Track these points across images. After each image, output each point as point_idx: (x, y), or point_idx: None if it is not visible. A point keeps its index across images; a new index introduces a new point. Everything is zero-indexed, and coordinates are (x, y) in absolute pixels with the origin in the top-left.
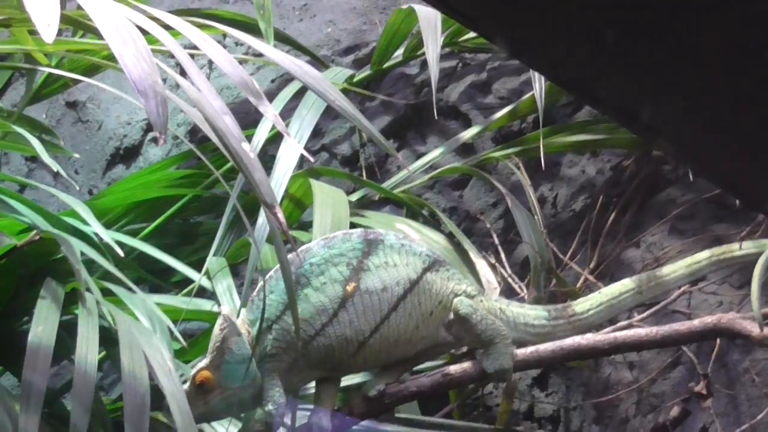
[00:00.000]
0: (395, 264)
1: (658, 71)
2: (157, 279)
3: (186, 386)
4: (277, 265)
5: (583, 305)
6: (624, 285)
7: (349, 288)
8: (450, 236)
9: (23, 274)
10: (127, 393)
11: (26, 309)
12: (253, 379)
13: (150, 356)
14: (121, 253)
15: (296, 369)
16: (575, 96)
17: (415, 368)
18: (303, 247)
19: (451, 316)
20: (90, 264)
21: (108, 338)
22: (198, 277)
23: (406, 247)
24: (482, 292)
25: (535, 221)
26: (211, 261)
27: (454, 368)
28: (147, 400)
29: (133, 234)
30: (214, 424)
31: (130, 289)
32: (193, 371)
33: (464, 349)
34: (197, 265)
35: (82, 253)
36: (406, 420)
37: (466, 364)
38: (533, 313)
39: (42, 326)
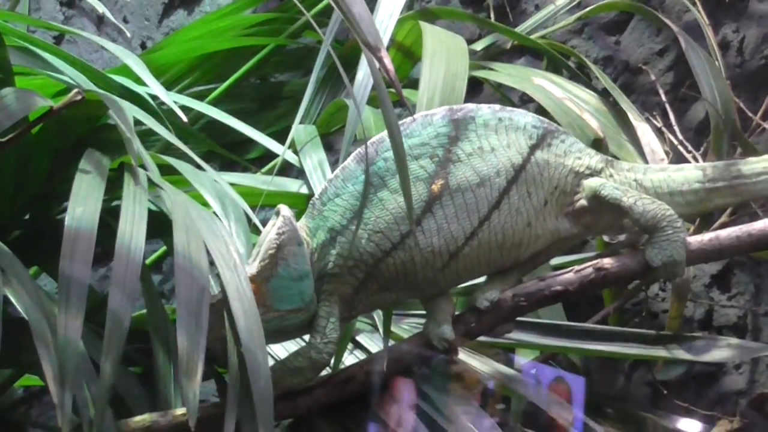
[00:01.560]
0: (492, 147)
1: None
2: (231, 153)
3: (214, 296)
4: (347, 161)
5: (753, 166)
6: None
7: (436, 186)
8: (604, 94)
9: (62, 145)
10: (180, 280)
11: (66, 190)
12: (308, 303)
13: (211, 245)
14: (185, 119)
15: (364, 292)
16: None
17: (556, 262)
18: (374, 138)
19: (580, 202)
20: (146, 135)
21: (168, 229)
22: (282, 151)
23: (505, 121)
24: (610, 162)
25: (716, 69)
26: (298, 130)
27: (609, 261)
28: (207, 293)
29: (200, 97)
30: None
31: (197, 165)
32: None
33: (622, 236)
34: (280, 136)
35: (136, 120)
36: (548, 326)
37: (625, 257)
38: (680, 176)
39: (82, 207)
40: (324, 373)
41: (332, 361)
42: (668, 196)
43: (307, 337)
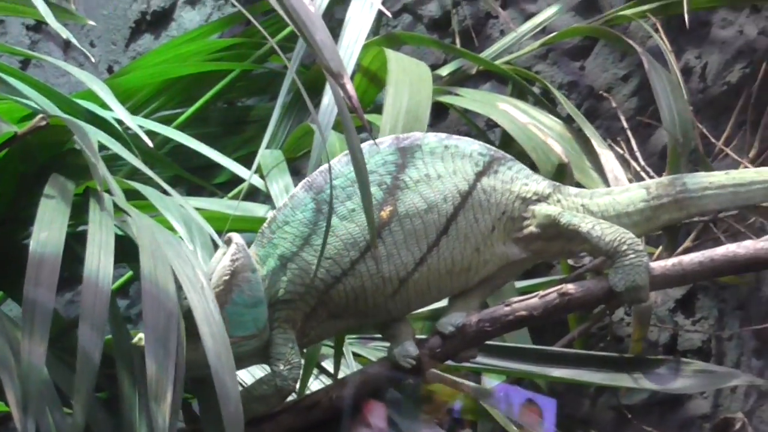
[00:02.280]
0: (439, 174)
1: None
2: (198, 178)
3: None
4: (295, 189)
5: (699, 180)
6: (759, 173)
7: (385, 213)
8: (568, 120)
9: (26, 170)
10: (148, 305)
11: (30, 215)
12: (262, 330)
13: (178, 269)
14: (150, 144)
15: (315, 319)
16: None
17: (522, 285)
18: (322, 167)
19: (529, 228)
20: (111, 159)
21: (134, 254)
22: (248, 176)
23: (451, 149)
24: (558, 187)
25: (678, 91)
26: (265, 155)
27: (573, 286)
28: (174, 317)
29: (166, 121)
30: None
31: (163, 190)
32: (185, 304)
33: (586, 260)
34: (247, 161)
35: (101, 145)
36: (513, 350)
37: (589, 282)
38: (625, 198)
39: (47, 231)
40: (289, 398)
41: (297, 386)
42: (615, 218)
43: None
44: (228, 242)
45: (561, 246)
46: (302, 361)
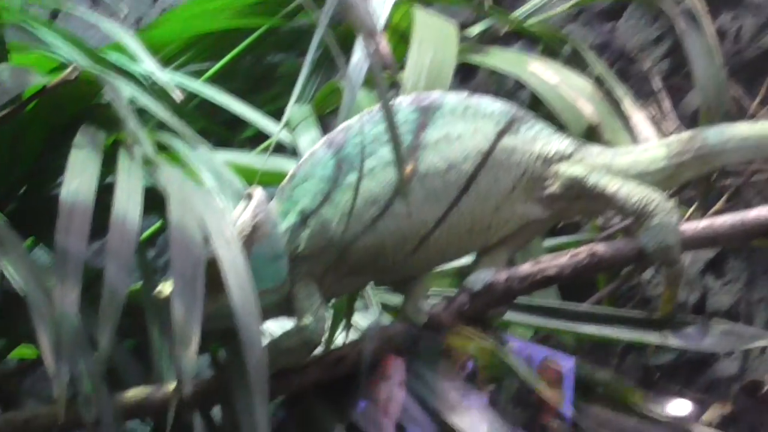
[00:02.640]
0: (459, 134)
1: None
2: (226, 132)
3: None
4: (315, 146)
5: (720, 133)
6: None
7: (406, 171)
8: (599, 81)
9: (56, 123)
10: (176, 252)
11: (60, 167)
12: (282, 284)
13: (207, 219)
14: (180, 97)
15: (334, 275)
16: None
17: (550, 243)
18: (342, 125)
19: (551, 187)
20: (140, 113)
21: (163, 205)
22: (277, 130)
23: (472, 108)
24: (580, 146)
25: (711, 52)
26: (293, 110)
27: (603, 246)
28: (201, 266)
29: (195, 75)
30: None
31: (192, 143)
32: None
33: (616, 220)
34: (275, 115)
35: (130, 98)
36: (542, 308)
37: (619, 242)
38: (647, 157)
39: (77, 181)
40: (317, 351)
41: (324, 338)
42: (638, 177)
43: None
44: (249, 197)
45: (584, 206)
46: (328, 314)
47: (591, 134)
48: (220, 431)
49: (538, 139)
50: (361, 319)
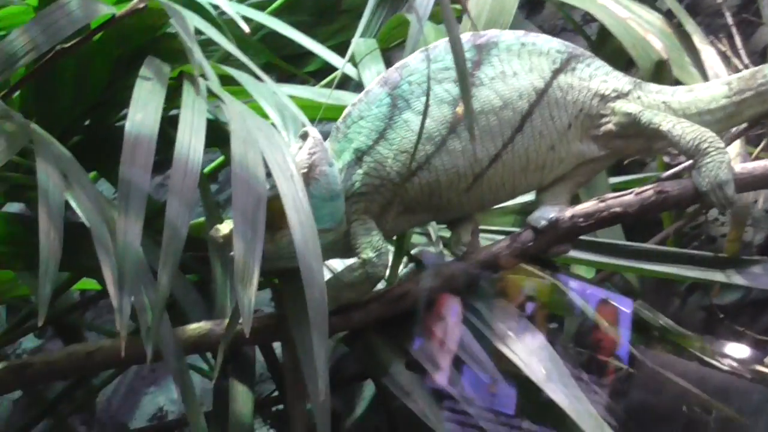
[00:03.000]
0: (515, 72)
1: None
2: (290, 66)
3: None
4: (370, 85)
5: None
6: None
7: (460, 109)
8: (668, 15)
9: (122, 53)
10: (237, 188)
11: (125, 98)
12: (339, 223)
13: (269, 155)
14: (247, 29)
15: (390, 213)
16: None
17: (615, 181)
18: (398, 63)
19: (607, 125)
20: (205, 45)
21: (226, 139)
22: (341, 64)
23: (528, 46)
24: (638, 84)
25: None
26: (358, 43)
27: (670, 184)
28: (263, 202)
29: (260, 7)
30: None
31: (256, 77)
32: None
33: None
34: (340, 49)
35: (196, 30)
36: (605, 246)
37: (686, 180)
38: (707, 95)
39: (142, 113)
40: (379, 287)
41: (387, 274)
42: (697, 116)
43: None
44: (304, 136)
45: (641, 144)
46: (389, 248)
47: (660, 69)
48: (282, 367)
49: (595, 77)
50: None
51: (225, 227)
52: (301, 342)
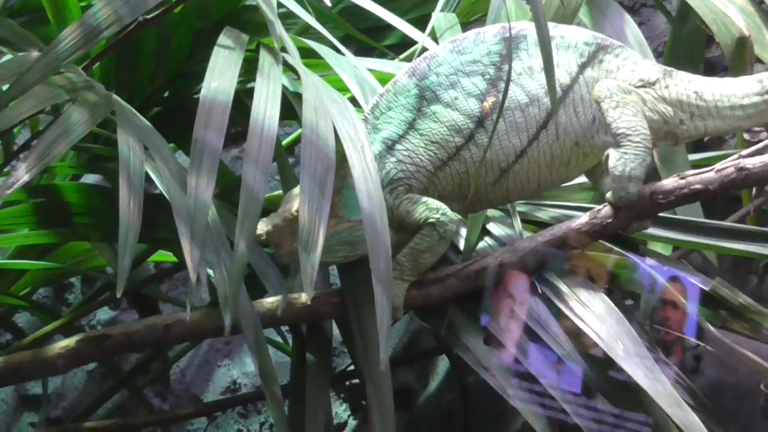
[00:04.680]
0: (542, 67)
1: None
2: (369, 39)
3: (288, 210)
4: (398, 75)
5: None
6: None
7: (487, 104)
8: None
9: (202, 25)
10: (306, 152)
11: (204, 71)
12: None
13: (340, 126)
14: (328, 2)
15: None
16: None
17: (695, 158)
18: (426, 53)
19: None
20: (284, 17)
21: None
22: (421, 38)
23: (556, 39)
24: (669, 72)
25: None
26: (438, 17)
27: (752, 161)
28: (331, 170)
29: None
30: None
31: (336, 49)
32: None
33: (762, 135)
34: (419, 23)
35: (278, 3)
36: (684, 223)
37: (766, 156)
38: (741, 90)
39: (217, 81)
40: (460, 266)
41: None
42: (729, 109)
43: None
44: None
45: (667, 132)
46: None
47: (741, 47)
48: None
49: (623, 68)
50: (499, 231)
51: (262, 225)
52: (365, 315)
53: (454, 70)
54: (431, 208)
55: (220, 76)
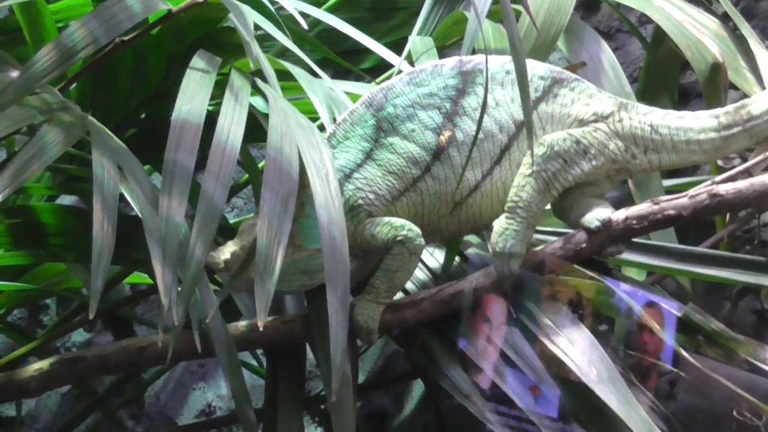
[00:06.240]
0: (497, 102)
1: None
2: (346, 62)
3: (243, 239)
4: (355, 105)
5: (761, 105)
6: None
7: (443, 138)
8: (724, 18)
9: (179, 47)
10: (269, 180)
11: (178, 92)
12: None
13: (305, 152)
14: (305, 25)
15: None
16: None
17: (669, 184)
18: (383, 84)
19: None
20: (261, 40)
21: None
22: (398, 62)
23: (512, 74)
24: (624, 105)
25: None
26: (414, 41)
27: (725, 188)
28: (292, 198)
29: (317, 4)
30: None
31: (313, 72)
32: (254, 219)
33: (736, 162)
34: (396, 47)
35: (255, 25)
36: (658, 248)
37: (740, 183)
38: (698, 126)
39: (189, 104)
40: (434, 290)
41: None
42: (685, 144)
43: None
44: None
45: (618, 169)
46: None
47: (715, 73)
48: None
49: (578, 101)
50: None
51: (225, 252)
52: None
53: (411, 102)
54: (395, 227)
55: (191, 98)
